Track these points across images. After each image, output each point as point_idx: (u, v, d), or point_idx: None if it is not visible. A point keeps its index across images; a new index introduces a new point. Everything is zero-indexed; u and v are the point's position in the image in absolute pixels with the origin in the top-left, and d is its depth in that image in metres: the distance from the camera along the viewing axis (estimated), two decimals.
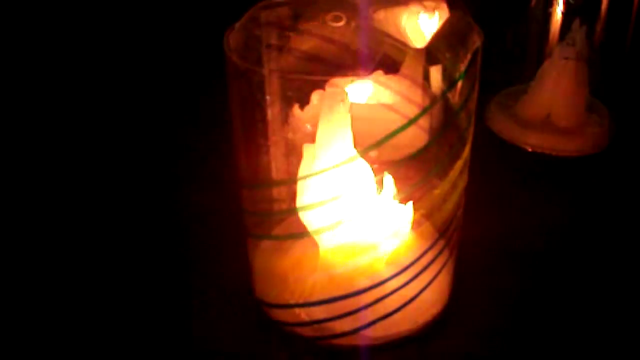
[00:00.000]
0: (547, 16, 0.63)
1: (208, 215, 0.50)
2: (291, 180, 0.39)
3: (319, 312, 0.39)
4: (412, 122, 0.35)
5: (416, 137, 0.37)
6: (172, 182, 0.55)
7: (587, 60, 0.58)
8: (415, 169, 0.37)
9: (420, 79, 0.41)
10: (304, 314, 0.39)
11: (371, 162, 0.38)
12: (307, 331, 0.40)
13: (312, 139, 0.37)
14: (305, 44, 0.38)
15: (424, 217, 0.40)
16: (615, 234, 0.49)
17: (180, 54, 0.74)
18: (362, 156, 0.37)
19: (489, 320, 0.42)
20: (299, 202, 0.38)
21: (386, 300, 0.38)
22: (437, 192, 0.38)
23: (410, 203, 0.39)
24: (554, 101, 0.60)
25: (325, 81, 0.36)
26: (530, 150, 0.59)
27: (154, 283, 0.45)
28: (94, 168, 0.57)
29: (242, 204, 0.41)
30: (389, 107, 0.46)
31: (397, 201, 0.39)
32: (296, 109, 0.45)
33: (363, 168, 0.37)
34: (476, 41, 0.36)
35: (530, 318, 0.42)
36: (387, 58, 0.38)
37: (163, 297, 0.44)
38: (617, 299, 0.44)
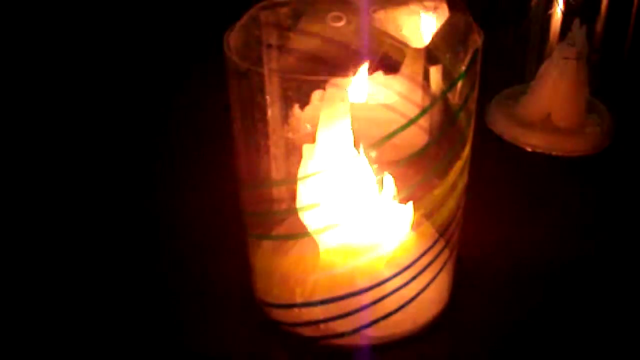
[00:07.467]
0: (547, 16, 0.63)
1: (208, 215, 0.50)
2: (291, 180, 0.39)
3: (319, 312, 0.39)
4: (412, 122, 0.35)
5: (416, 137, 0.37)
6: (172, 182, 0.55)
7: (587, 60, 0.58)
8: (415, 169, 0.37)
9: (420, 79, 0.41)
10: (304, 314, 0.39)
11: (371, 162, 0.38)
12: (307, 331, 0.40)
13: (312, 139, 0.37)
14: (305, 44, 0.38)
15: (424, 217, 0.40)
16: (616, 233, 0.49)
17: (180, 54, 0.74)
18: (362, 156, 0.37)
19: (489, 320, 0.42)
20: (299, 202, 0.38)
21: (386, 300, 0.38)
22: (437, 192, 0.38)
23: (410, 203, 0.39)
24: (554, 101, 0.60)
25: (325, 81, 0.36)
26: (530, 150, 0.59)
27: (153, 283, 0.45)
28: (92, 168, 0.57)
29: (242, 204, 0.41)
30: (389, 107, 0.46)
31: (397, 201, 0.39)
32: (296, 109, 0.44)
33: (363, 168, 0.37)
34: (476, 41, 0.36)
35: (530, 318, 0.42)
36: (387, 58, 0.38)
37: (163, 297, 0.44)
38: (617, 299, 0.44)
